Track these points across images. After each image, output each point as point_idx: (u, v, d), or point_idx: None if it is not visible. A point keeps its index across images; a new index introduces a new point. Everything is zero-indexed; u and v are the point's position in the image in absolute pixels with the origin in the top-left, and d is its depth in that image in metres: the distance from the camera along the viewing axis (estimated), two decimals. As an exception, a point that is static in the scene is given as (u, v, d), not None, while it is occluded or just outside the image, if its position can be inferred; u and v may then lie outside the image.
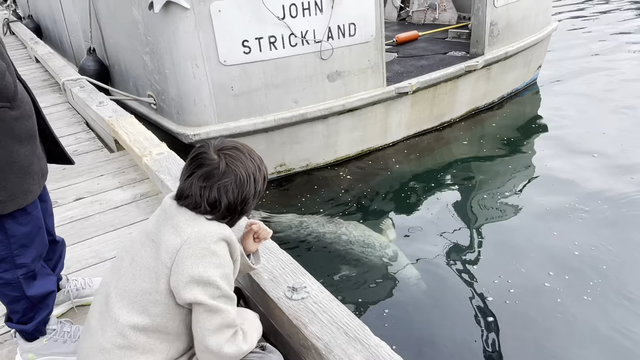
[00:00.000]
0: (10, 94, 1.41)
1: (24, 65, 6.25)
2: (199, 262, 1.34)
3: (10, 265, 1.53)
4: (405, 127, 5.29)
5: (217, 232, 1.39)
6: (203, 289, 1.34)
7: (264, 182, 1.51)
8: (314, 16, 4.17)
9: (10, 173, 1.43)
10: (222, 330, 1.37)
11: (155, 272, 1.38)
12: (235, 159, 1.43)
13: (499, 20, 5.51)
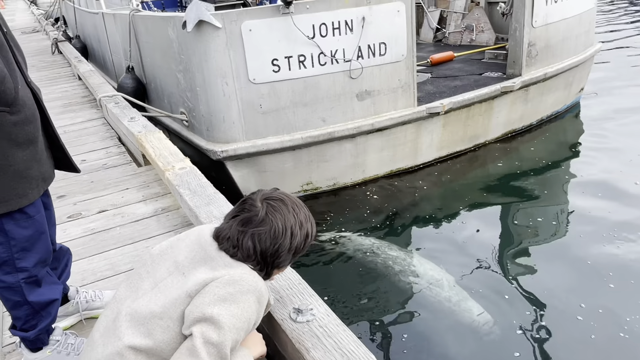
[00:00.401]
0: (9, 99, 1.43)
1: (67, 82, 6.54)
2: (219, 303, 1.31)
3: (11, 268, 1.54)
4: (436, 148, 5.16)
5: (250, 283, 1.36)
6: (203, 326, 1.29)
7: (305, 240, 1.48)
8: (344, 36, 4.16)
9: (4, 176, 1.45)
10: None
11: (176, 299, 1.35)
12: (275, 210, 1.44)
13: (537, 41, 5.35)
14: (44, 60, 8.37)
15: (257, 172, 4.45)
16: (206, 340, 1.27)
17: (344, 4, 4.08)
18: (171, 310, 1.35)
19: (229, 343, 1.30)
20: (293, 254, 1.49)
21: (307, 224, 1.50)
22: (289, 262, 1.50)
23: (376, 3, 4.17)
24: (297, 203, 1.52)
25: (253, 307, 1.37)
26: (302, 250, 1.51)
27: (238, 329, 1.33)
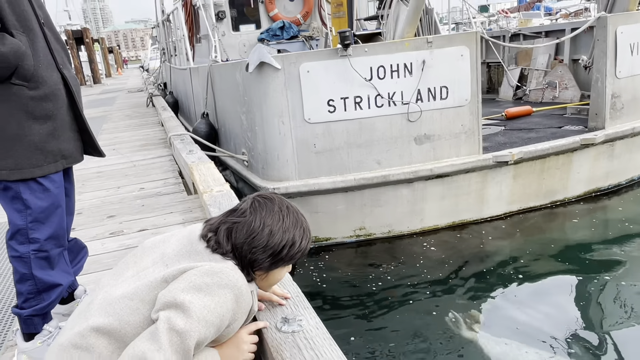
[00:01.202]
0: (28, 75, 1.54)
1: (151, 128, 7.12)
2: (193, 291, 1.22)
3: (24, 238, 1.59)
4: (506, 202, 4.77)
5: (230, 278, 1.27)
6: (171, 312, 1.19)
7: (289, 247, 1.37)
8: (403, 78, 4.11)
9: (19, 145, 1.54)
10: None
11: (151, 282, 1.29)
12: (260, 205, 1.40)
13: (622, 93, 4.91)
14: (138, 111, 9.25)
15: (309, 213, 4.36)
16: (171, 326, 1.16)
17: (404, 48, 4.06)
18: (144, 293, 1.27)
19: (195, 335, 1.18)
20: (272, 256, 1.36)
21: (295, 231, 1.39)
22: (268, 265, 1.37)
23: (438, 47, 4.11)
24: (290, 208, 1.43)
25: (229, 304, 1.25)
26: (285, 257, 1.38)
27: (208, 323, 1.20)
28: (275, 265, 1.39)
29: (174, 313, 1.18)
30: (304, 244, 1.41)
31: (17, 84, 1.52)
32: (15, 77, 1.52)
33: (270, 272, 1.41)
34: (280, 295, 1.63)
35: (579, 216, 4.86)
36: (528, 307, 3.50)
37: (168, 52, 11.57)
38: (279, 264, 1.39)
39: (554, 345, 3.09)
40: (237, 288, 1.26)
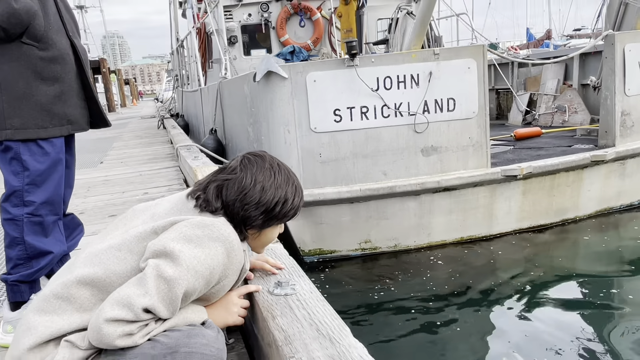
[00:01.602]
0: (38, 35, 1.56)
1: (160, 145, 7.19)
2: (183, 241, 1.18)
3: (19, 200, 1.57)
4: (515, 218, 4.66)
5: (221, 232, 1.23)
6: (160, 260, 1.14)
7: (282, 203, 1.33)
8: (410, 89, 4.12)
9: (26, 103, 1.55)
10: (127, 309, 1.08)
11: (140, 233, 1.25)
12: (250, 162, 1.37)
13: (632, 110, 4.87)
14: (149, 133, 9.39)
15: (313, 224, 4.30)
16: (159, 273, 1.12)
17: (411, 59, 4.09)
18: (132, 244, 1.23)
19: (184, 284, 1.13)
20: (265, 213, 1.32)
21: (287, 188, 1.35)
22: (261, 222, 1.33)
23: (445, 59, 4.13)
24: (281, 165, 1.40)
25: (220, 258, 1.20)
26: (278, 214, 1.34)
27: (197, 273, 1.15)
28: (268, 223, 1.34)
29: (163, 261, 1.14)
30: (296, 201, 1.37)
31: (27, 43, 1.54)
32: (26, 36, 1.54)
33: (263, 230, 1.36)
34: (274, 265, 1.57)
35: (590, 235, 4.73)
36: (535, 328, 3.36)
37: (181, 78, 11.82)
38: (272, 222, 1.35)
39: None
40: (228, 242, 1.22)
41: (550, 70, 7.56)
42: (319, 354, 1.05)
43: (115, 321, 1.08)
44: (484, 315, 3.56)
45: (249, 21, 8.22)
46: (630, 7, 4.87)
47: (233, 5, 8.02)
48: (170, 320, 1.15)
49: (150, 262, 1.14)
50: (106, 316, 1.08)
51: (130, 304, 1.08)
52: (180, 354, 1.09)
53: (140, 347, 1.10)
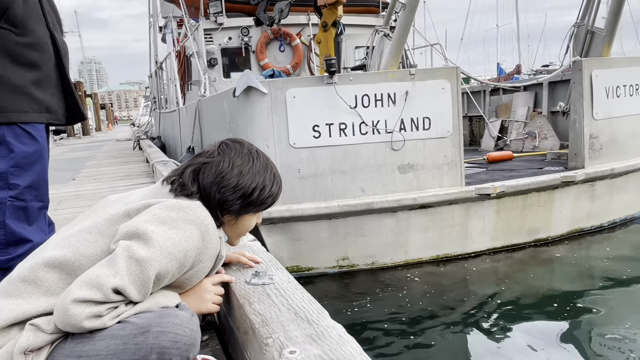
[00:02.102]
0: (16, 21, 1.55)
1: (136, 164, 7.08)
2: (157, 223, 1.14)
3: (3, 183, 1.53)
4: (490, 237, 4.73)
5: (197, 214, 1.20)
6: (132, 241, 1.11)
7: (260, 190, 1.32)
8: (387, 107, 4.20)
9: (3, 87, 1.52)
10: (95, 290, 1.04)
11: (112, 216, 1.22)
12: (229, 148, 1.36)
13: (600, 134, 5.06)
14: (124, 153, 9.26)
15: (291, 240, 4.27)
16: (131, 254, 1.08)
17: (388, 78, 4.19)
18: (104, 227, 1.20)
19: (156, 265, 1.09)
20: (242, 198, 1.30)
21: (266, 175, 1.34)
22: (238, 208, 1.30)
23: (421, 79, 4.24)
24: (260, 152, 1.39)
25: (194, 241, 1.17)
26: (256, 201, 1.32)
27: (171, 255, 1.12)
28: (245, 209, 1.32)
29: (134, 242, 1.10)
30: (274, 189, 1.35)
31: (4, 28, 1.52)
32: (3, 20, 1.52)
33: (239, 217, 1.34)
34: (250, 258, 1.55)
35: (563, 255, 4.82)
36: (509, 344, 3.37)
37: (159, 101, 11.79)
38: (249, 209, 1.33)
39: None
40: (204, 225, 1.19)
41: (520, 98, 7.84)
42: (297, 334, 1.03)
43: (83, 302, 1.03)
44: (459, 332, 3.55)
45: (229, 44, 8.32)
46: (596, 35, 5.13)
47: (214, 28, 8.11)
48: (141, 304, 1.11)
49: (121, 243, 1.10)
50: (74, 296, 1.03)
51: (100, 284, 1.04)
52: (152, 333, 1.05)
53: (110, 329, 1.06)
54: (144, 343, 1.04)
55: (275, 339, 1.01)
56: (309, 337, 1.01)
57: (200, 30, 7.75)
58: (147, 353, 1.04)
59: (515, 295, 4.09)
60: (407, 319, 3.74)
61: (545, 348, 3.29)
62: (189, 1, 8.21)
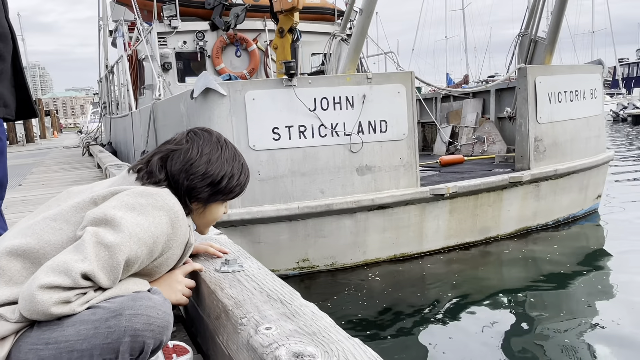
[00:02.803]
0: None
1: (86, 170, 6.85)
2: (125, 209, 1.13)
3: None
4: (444, 236, 4.90)
5: (166, 201, 1.19)
6: (100, 227, 1.09)
7: (228, 178, 1.32)
8: (345, 110, 4.29)
9: None
10: (63, 275, 1.02)
11: (78, 204, 1.19)
12: (197, 136, 1.35)
13: (544, 137, 5.37)
14: (73, 160, 8.90)
15: (251, 243, 4.26)
16: (99, 240, 1.06)
17: (346, 82, 4.28)
18: (69, 214, 1.17)
19: (126, 251, 1.08)
20: (211, 186, 1.30)
21: (234, 164, 1.35)
22: (206, 196, 1.31)
23: (377, 83, 4.36)
24: (228, 142, 1.40)
25: (164, 227, 1.16)
26: (224, 189, 1.33)
27: (140, 241, 1.11)
28: (214, 197, 1.33)
29: (102, 228, 1.09)
30: (242, 178, 1.37)
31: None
32: None
33: (208, 206, 1.34)
34: (218, 249, 1.56)
35: (511, 253, 5.06)
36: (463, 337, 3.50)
37: (109, 106, 11.43)
38: (218, 197, 1.33)
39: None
40: (173, 212, 1.18)
41: (469, 105, 8.18)
42: (271, 313, 1.06)
43: (51, 288, 1.01)
44: (416, 328, 3.66)
45: (184, 49, 8.21)
46: (539, 44, 5.45)
47: (168, 32, 7.99)
48: (111, 290, 1.09)
49: (88, 229, 1.08)
50: (40, 282, 1.01)
51: (68, 269, 1.02)
52: (124, 316, 1.04)
53: (79, 315, 1.04)
54: (116, 326, 1.04)
55: (250, 318, 1.03)
56: (283, 315, 1.04)
57: (154, 34, 7.61)
58: (119, 336, 1.03)
59: (468, 291, 4.26)
60: (367, 318, 3.81)
61: (495, 337, 3.45)
62: (142, 4, 8.04)
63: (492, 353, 3.26)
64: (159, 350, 1.11)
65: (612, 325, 3.50)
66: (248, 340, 0.97)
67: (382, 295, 4.17)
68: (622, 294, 4.07)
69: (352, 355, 0.86)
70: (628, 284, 4.24)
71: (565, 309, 3.85)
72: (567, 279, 4.49)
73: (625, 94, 31.17)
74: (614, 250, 5.20)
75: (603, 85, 6.36)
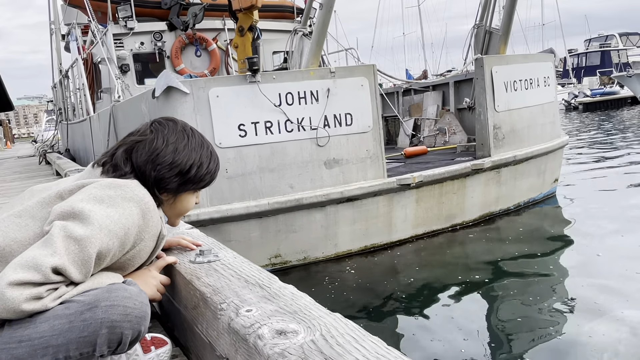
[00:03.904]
0: None
1: (45, 178, 6.60)
2: (93, 202, 1.10)
3: None
4: (412, 225, 5.00)
5: (135, 192, 1.16)
6: (68, 221, 1.06)
7: (197, 167, 1.30)
8: (310, 105, 4.31)
9: None
10: (33, 271, 0.99)
11: (44, 199, 1.16)
12: (162, 126, 1.33)
13: (502, 125, 5.55)
14: (29, 169, 8.56)
15: (222, 242, 4.18)
16: (68, 234, 1.03)
17: (310, 76, 4.30)
18: (35, 210, 1.14)
19: (97, 243, 1.05)
20: (179, 176, 1.28)
21: (202, 152, 1.33)
22: (175, 186, 1.28)
23: (341, 77, 4.40)
24: (195, 130, 1.37)
25: (134, 218, 1.14)
26: (194, 178, 1.30)
27: (111, 232, 1.09)
28: (183, 187, 1.30)
29: (71, 222, 1.06)
30: (212, 166, 1.34)
31: None
32: None
33: (178, 196, 1.32)
34: (191, 241, 1.55)
35: (476, 238, 5.21)
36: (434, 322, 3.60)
37: (65, 112, 11.05)
38: (188, 187, 1.31)
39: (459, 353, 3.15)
40: (143, 203, 1.16)
41: (430, 98, 8.35)
42: (251, 296, 1.06)
43: (20, 284, 0.98)
44: (389, 317, 3.73)
45: (142, 50, 8.02)
46: (494, 35, 5.62)
47: (124, 33, 7.78)
48: (84, 284, 1.07)
49: (56, 223, 1.05)
50: (9, 279, 0.98)
51: (37, 264, 0.99)
52: (100, 308, 1.02)
53: (52, 310, 1.02)
54: (92, 319, 1.02)
55: (229, 303, 1.04)
56: (263, 298, 1.05)
57: (110, 35, 7.41)
58: (96, 329, 1.02)
59: (437, 276, 4.38)
60: (342, 310, 3.85)
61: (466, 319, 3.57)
62: (96, 5, 7.80)
63: (464, 335, 3.36)
64: (137, 342, 1.10)
65: (573, 301, 3.68)
66: (229, 324, 0.97)
67: (356, 286, 4.22)
68: (581, 271, 4.27)
69: (335, 329, 0.88)
70: (587, 263, 4.46)
71: (529, 289, 4.01)
72: (530, 260, 4.67)
73: (575, 84, 32.55)
74: (572, 231, 5.45)
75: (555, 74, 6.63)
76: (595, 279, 4.06)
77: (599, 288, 3.86)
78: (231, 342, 0.97)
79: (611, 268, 4.22)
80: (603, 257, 4.55)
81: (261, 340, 0.85)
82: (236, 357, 0.96)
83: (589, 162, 9.53)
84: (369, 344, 0.81)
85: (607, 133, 14.84)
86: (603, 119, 20.94)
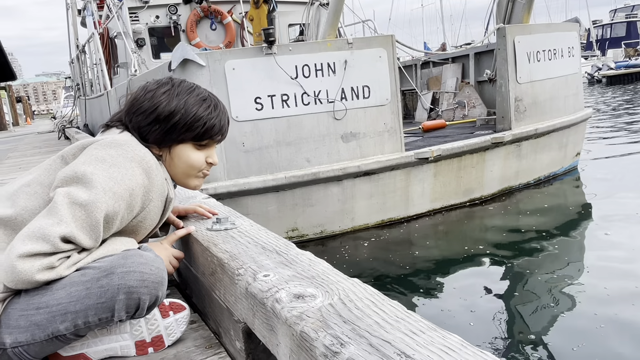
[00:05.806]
0: None
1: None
2: (95, 163, 1.08)
3: None
4: (429, 200, 4.95)
5: (136, 152, 1.13)
6: (71, 187, 1.05)
7: (177, 110, 1.20)
8: (327, 77, 4.24)
9: None
10: (41, 242, 0.99)
11: (50, 165, 1.16)
12: (150, 82, 1.30)
13: (524, 97, 5.41)
14: (49, 144, 8.70)
15: (238, 215, 4.24)
16: (72, 200, 1.02)
17: (327, 48, 4.22)
18: (42, 177, 1.14)
19: (103, 207, 1.04)
20: (158, 123, 1.19)
21: (189, 97, 1.22)
22: (159, 136, 1.20)
23: (358, 48, 4.31)
24: (190, 82, 1.29)
25: (138, 178, 1.11)
26: (178, 126, 1.20)
27: (116, 195, 1.06)
28: (169, 136, 1.21)
29: (74, 187, 1.04)
30: (202, 112, 1.21)
31: None
32: None
33: (172, 149, 1.24)
34: (207, 210, 1.54)
35: (495, 213, 5.15)
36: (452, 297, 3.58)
37: (83, 87, 11.12)
38: (173, 136, 1.21)
39: (478, 335, 3.14)
40: (145, 162, 1.13)
41: (449, 70, 8.17)
42: (268, 262, 1.06)
43: (31, 256, 0.98)
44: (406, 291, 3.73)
45: (157, 24, 7.97)
46: (517, 3, 5.43)
47: (139, 7, 7.73)
48: (98, 251, 1.07)
49: (59, 191, 1.04)
50: (18, 252, 0.98)
51: (45, 234, 0.99)
52: (116, 274, 1.03)
53: (68, 278, 1.03)
54: (109, 285, 1.02)
55: (246, 269, 1.03)
56: (280, 264, 1.04)
57: (125, 9, 7.37)
58: (113, 295, 1.02)
59: (454, 250, 4.35)
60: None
61: (484, 296, 3.54)
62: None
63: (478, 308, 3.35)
64: (155, 307, 1.11)
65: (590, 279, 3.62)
66: (247, 289, 0.97)
67: (372, 260, 4.22)
68: (601, 248, 4.20)
69: (353, 293, 0.87)
70: (608, 239, 4.37)
71: (547, 265, 3.96)
72: (548, 236, 4.60)
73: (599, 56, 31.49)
74: (594, 206, 5.34)
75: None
76: (616, 258, 3.99)
77: (619, 267, 3.79)
78: (249, 307, 0.97)
79: (633, 246, 4.14)
80: (625, 234, 4.46)
81: (279, 303, 0.84)
82: (254, 322, 0.95)
83: (611, 137, 9.29)
84: (388, 308, 0.79)
85: (631, 107, 14.40)
86: (628, 92, 20.31)
